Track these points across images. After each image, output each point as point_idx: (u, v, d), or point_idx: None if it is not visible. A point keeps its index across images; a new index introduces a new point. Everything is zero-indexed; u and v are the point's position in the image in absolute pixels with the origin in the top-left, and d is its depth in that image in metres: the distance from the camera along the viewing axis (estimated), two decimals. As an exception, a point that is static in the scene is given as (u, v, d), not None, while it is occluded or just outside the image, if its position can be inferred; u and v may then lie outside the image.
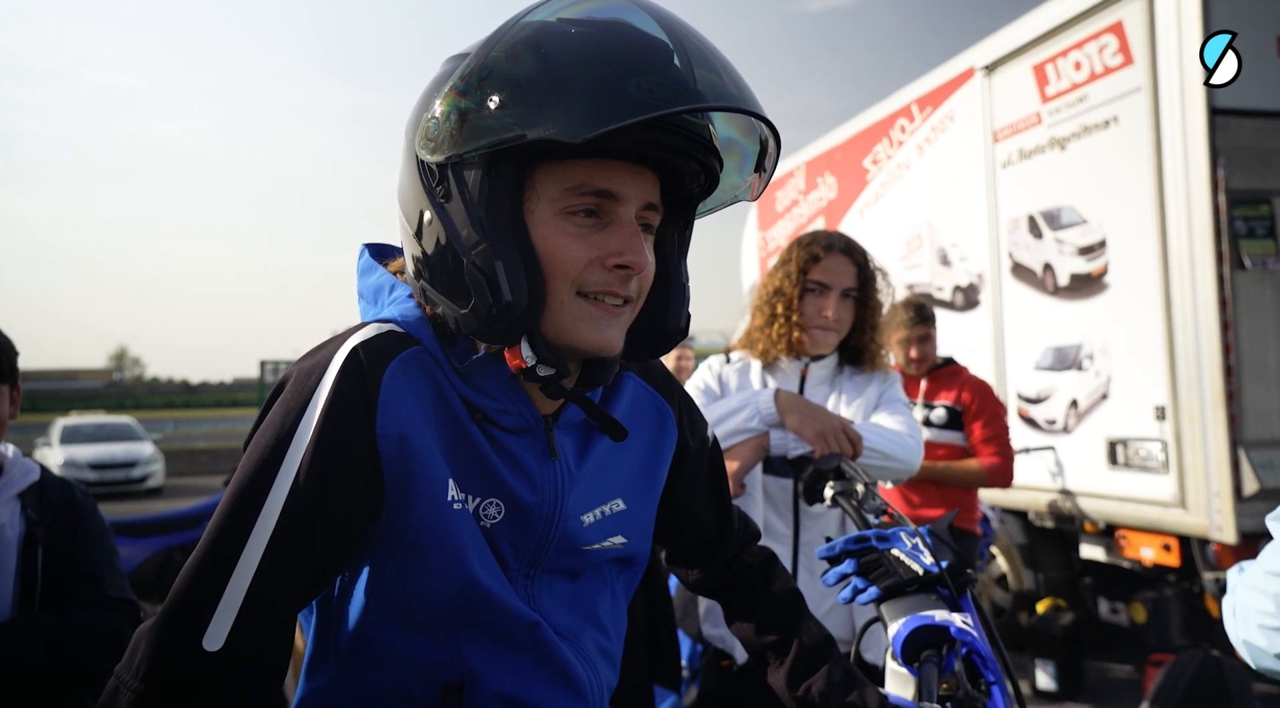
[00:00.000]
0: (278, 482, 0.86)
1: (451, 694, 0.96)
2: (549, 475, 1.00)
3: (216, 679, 0.83)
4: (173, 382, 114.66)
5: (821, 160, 7.23)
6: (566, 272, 0.91)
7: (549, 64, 0.84)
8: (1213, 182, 3.82)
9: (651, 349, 1.04)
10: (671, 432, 1.18)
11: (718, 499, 1.30)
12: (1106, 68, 4.33)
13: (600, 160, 0.90)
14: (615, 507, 1.08)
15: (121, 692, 0.83)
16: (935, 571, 1.35)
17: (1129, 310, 4.26)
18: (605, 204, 0.91)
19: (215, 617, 0.83)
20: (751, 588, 1.29)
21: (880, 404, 2.16)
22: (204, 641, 0.82)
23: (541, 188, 0.91)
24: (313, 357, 0.93)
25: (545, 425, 1.01)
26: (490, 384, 0.97)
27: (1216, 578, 4.04)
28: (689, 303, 1.04)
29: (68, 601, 1.73)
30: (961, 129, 5.46)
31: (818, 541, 2.06)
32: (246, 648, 0.84)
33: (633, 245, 0.91)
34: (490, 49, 0.88)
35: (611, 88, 0.81)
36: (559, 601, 1.05)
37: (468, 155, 0.88)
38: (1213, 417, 3.88)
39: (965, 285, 5.51)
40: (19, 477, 1.78)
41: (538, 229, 0.91)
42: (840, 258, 2.14)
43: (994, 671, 1.27)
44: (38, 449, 17.98)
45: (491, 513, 0.97)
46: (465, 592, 0.94)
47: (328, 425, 0.87)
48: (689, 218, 1.05)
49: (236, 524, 0.85)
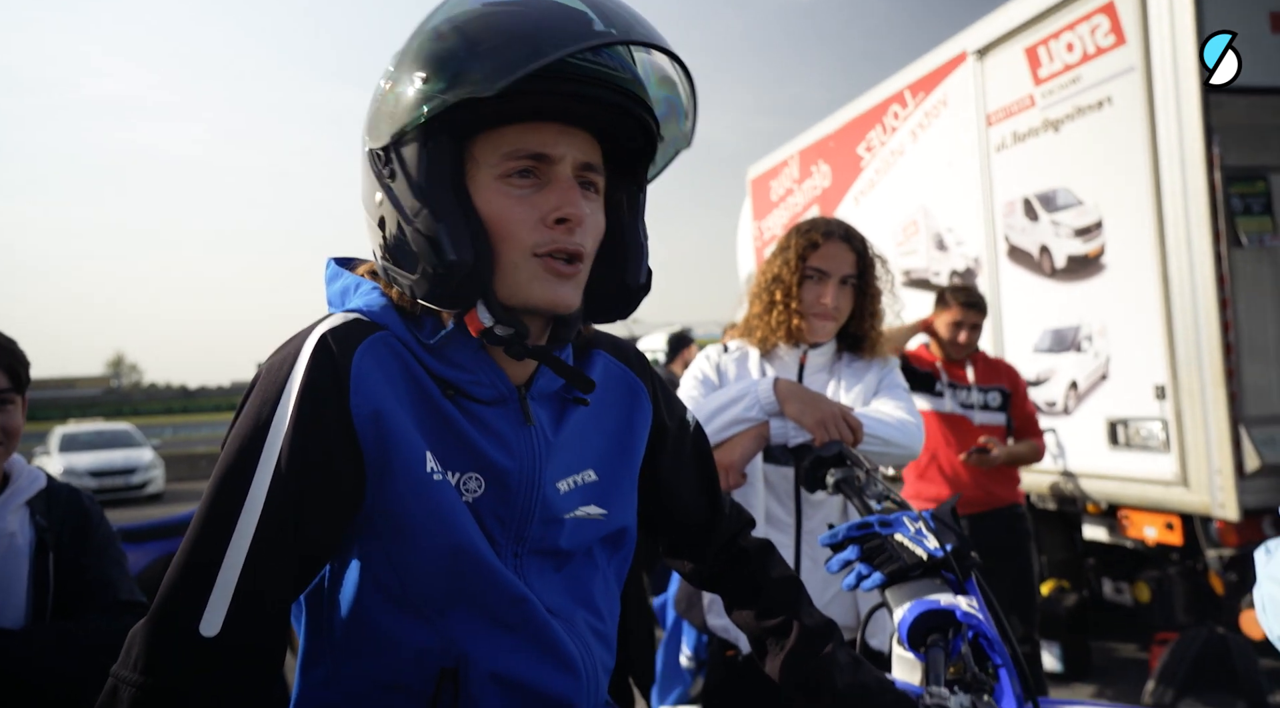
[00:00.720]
0: (259, 468, 0.88)
1: (447, 680, 0.96)
2: (525, 442, 1.02)
3: (215, 666, 0.84)
4: (170, 387, 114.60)
5: (815, 148, 7.21)
6: (513, 234, 0.95)
7: (465, 35, 0.90)
8: (1208, 159, 3.80)
9: (617, 308, 1.07)
10: (645, 406, 1.19)
11: (705, 484, 1.30)
12: (1099, 48, 4.31)
13: (531, 123, 0.95)
14: (587, 477, 1.10)
15: (121, 689, 0.83)
16: (940, 555, 1.34)
17: (1127, 290, 4.26)
18: (540, 166, 0.96)
19: (210, 604, 0.84)
20: (749, 575, 1.28)
21: (880, 390, 2.15)
22: (200, 627, 0.84)
23: (480, 157, 0.95)
24: (281, 350, 0.96)
25: (519, 394, 1.03)
26: (461, 357, 1.00)
27: (1220, 555, 4.05)
28: (647, 258, 1.07)
29: (80, 606, 1.73)
30: (955, 114, 5.44)
31: (820, 528, 2.05)
32: (243, 633, 0.85)
33: (569, 198, 0.95)
34: (415, 34, 0.94)
35: (524, 43, 0.87)
36: (550, 584, 1.05)
37: (407, 133, 0.93)
38: (1213, 394, 3.88)
39: (962, 270, 5.50)
40: (27, 485, 1.78)
41: (480, 195, 0.95)
42: (839, 245, 2.13)
43: (1001, 653, 1.26)
44: (36, 458, 17.95)
45: (472, 487, 0.99)
46: (454, 561, 0.95)
47: (303, 410, 0.90)
48: (640, 180, 1.08)
49: (222, 512, 0.87)
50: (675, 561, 1.34)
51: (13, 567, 1.70)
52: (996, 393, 3.99)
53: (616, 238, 1.05)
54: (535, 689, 1.00)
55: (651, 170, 1.09)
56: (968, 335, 3.95)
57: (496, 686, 0.98)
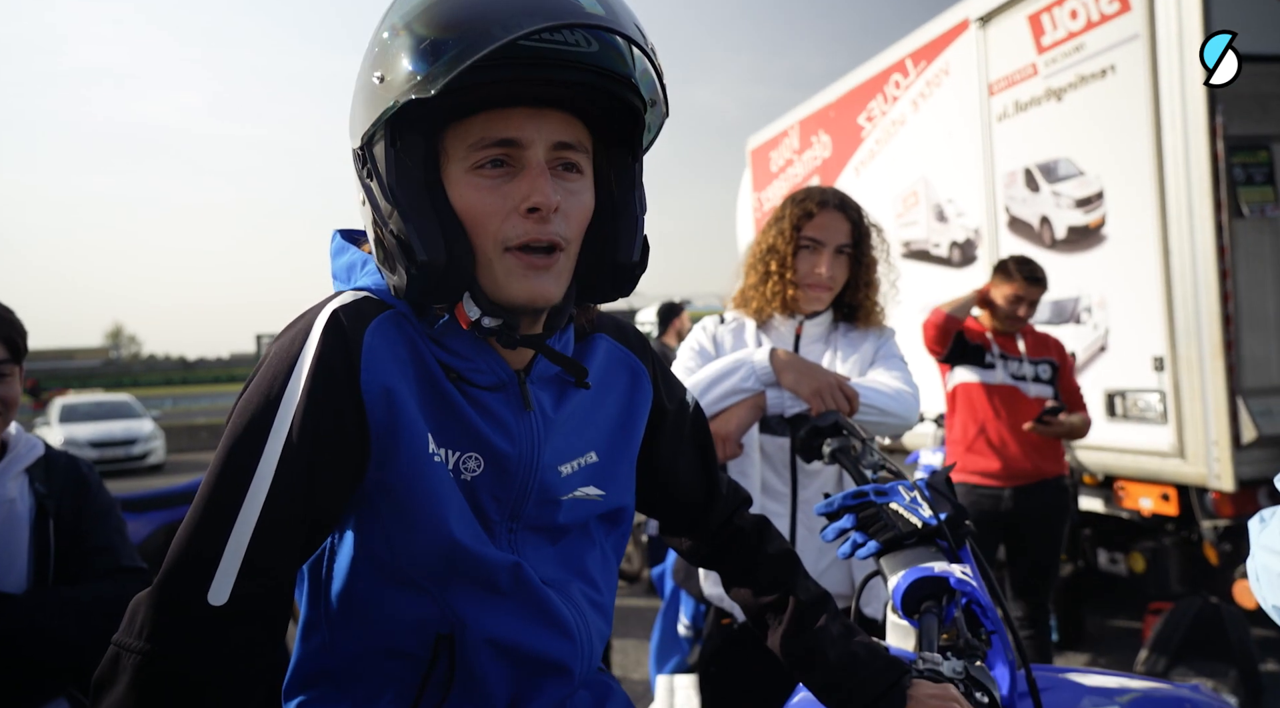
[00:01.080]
0: (270, 438, 0.88)
1: (444, 644, 0.98)
2: (525, 427, 1.02)
3: (222, 635, 0.84)
4: (170, 358, 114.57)
5: (815, 118, 7.15)
6: (486, 226, 0.93)
7: (411, 31, 0.88)
8: (1211, 129, 3.77)
9: (613, 287, 1.04)
10: (646, 388, 1.19)
11: (703, 463, 1.30)
12: (1103, 15, 4.25)
13: (498, 110, 0.92)
14: (589, 459, 1.10)
15: (124, 656, 0.83)
16: (934, 523, 1.34)
17: (1127, 262, 4.24)
18: (511, 152, 0.93)
19: (219, 572, 0.84)
20: (746, 552, 1.29)
21: (876, 360, 2.15)
22: (209, 595, 0.84)
23: (450, 149, 0.94)
24: (293, 326, 0.96)
25: (518, 380, 1.03)
26: (460, 344, 1.00)
27: (1215, 526, 4.07)
28: (640, 234, 1.04)
29: (81, 572, 1.75)
30: (956, 83, 5.39)
31: (816, 498, 2.06)
32: (250, 603, 0.85)
33: (538, 186, 0.92)
34: (376, 29, 0.93)
35: (472, 33, 0.84)
36: (544, 556, 1.07)
37: (375, 133, 0.92)
38: (1211, 366, 3.88)
39: (962, 241, 5.47)
40: (25, 452, 1.79)
41: (453, 189, 0.94)
42: (834, 214, 2.11)
43: (994, 620, 1.28)
44: (37, 428, 18.01)
45: (471, 467, 0.99)
46: (449, 547, 0.96)
47: (316, 383, 0.90)
48: (635, 149, 1.04)
49: (232, 482, 0.87)
50: (673, 539, 1.35)
51: (14, 533, 1.71)
52: (1046, 366, 3.92)
53: (607, 214, 1.02)
54: (530, 653, 1.02)
55: (646, 137, 1.05)
56: (1027, 310, 3.86)
57: (492, 650, 0.99)
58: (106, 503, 1.86)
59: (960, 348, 3.93)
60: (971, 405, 3.93)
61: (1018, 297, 3.82)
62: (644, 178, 1.07)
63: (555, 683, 1.05)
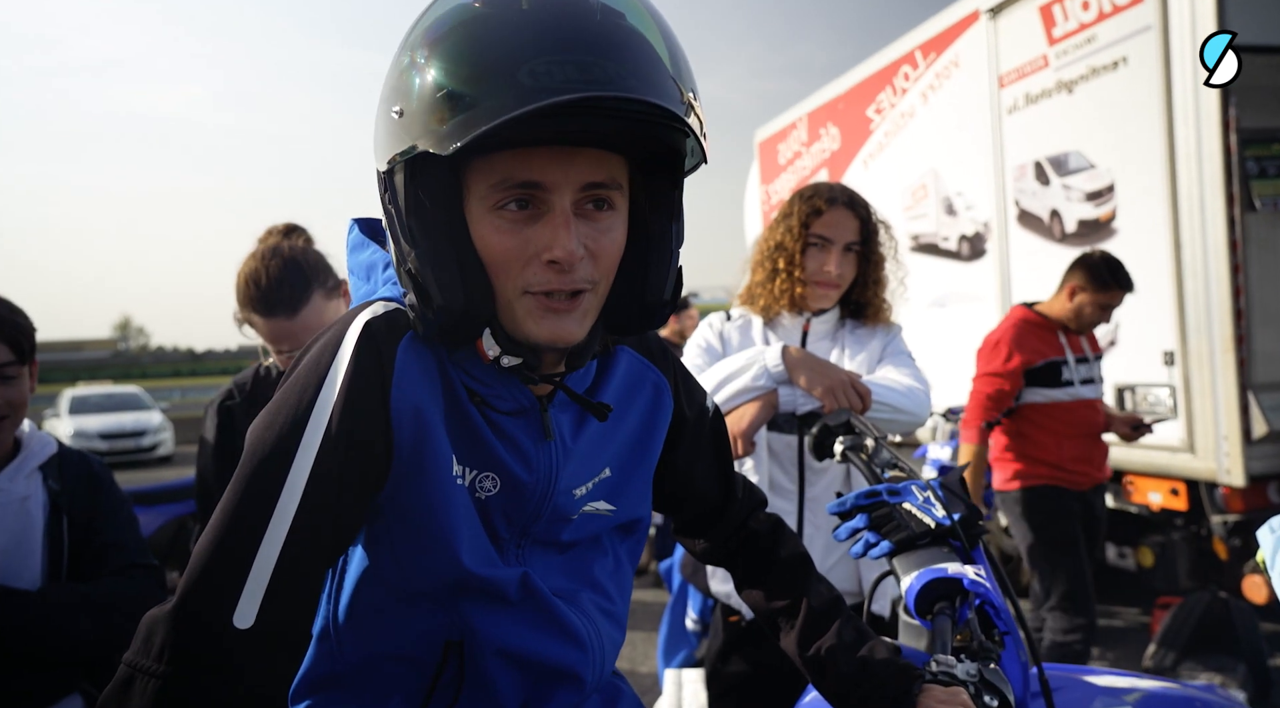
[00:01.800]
0: (300, 453, 0.84)
1: (453, 650, 0.97)
2: (544, 455, 1.00)
3: (248, 658, 0.81)
4: (178, 350, 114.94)
5: (824, 111, 7.11)
6: (506, 268, 0.89)
7: (431, 70, 0.82)
8: (1224, 121, 3.74)
9: (637, 324, 1.00)
10: (667, 402, 1.16)
11: (720, 468, 1.29)
12: (1115, 6, 4.22)
13: (524, 150, 0.86)
14: (602, 476, 1.08)
15: (139, 679, 0.79)
16: (947, 523, 1.33)
17: (1138, 256, 4.20)
18: (536, 194, 0.88)
19: (245, 593, 0.80)
20: (759, 554, 1.28)
21: (885, 357, 2.14)
22: (234, 618, 0.79)
23: (473, 186, 0.89)
24: (323, 336, 0.92)
25: (540, 407, 1.00)
26: (481, 371, 0.96)
27: (1224, 521, 4.06)
28: (674, 270, 0.99)
29: (95, 569, 1.76)
30: (966, 75, 5.35)
31: (823, 495, 2.05)
32: (277, 624, 0.82)
33: (559, 239, 0.87)
34: (399, 52, 0.88)
35: (496, 87, 0.79)
36: (552, 567, 1.05)
37: (395, 164, 0.88)
38: (1222, 361, 3.85)
39: (971, 235, 5.45)
40: (38, 450, 1.80)
41: (475, 228, 0.89)
42: (843, 211, 2.10)
43: (1007, 621, 1.27)
44: (46, 420, 18.10)
45: (487, 486, 0.97)
46: (456, 573, 0.94)
47: (350, 397, 0.86)
48: (675, 177, 0.98)
49: (260, 496, 0.83)
50: (687, 539, 1.34)
51: (28, 531, 1.72)
52: (1098, 364, 3.71)
53: (640, 249, 0.97)
54: (541, 662, 1.01)
55: (689, 162, 0.99)
56: (1109, 319, 3.60)
57: (502, 658, 0.98)
58: (119, 500, 1.87)
59: (1032, 373, 3.55)
60: (1050, 422, 3.58)
61: (1106, 304, 3.51)
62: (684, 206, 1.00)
63: (566, 691, 1.04)
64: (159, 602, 0.85)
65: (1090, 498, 3.63)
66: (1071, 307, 3.53)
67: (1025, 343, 3.51)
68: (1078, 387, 3.55)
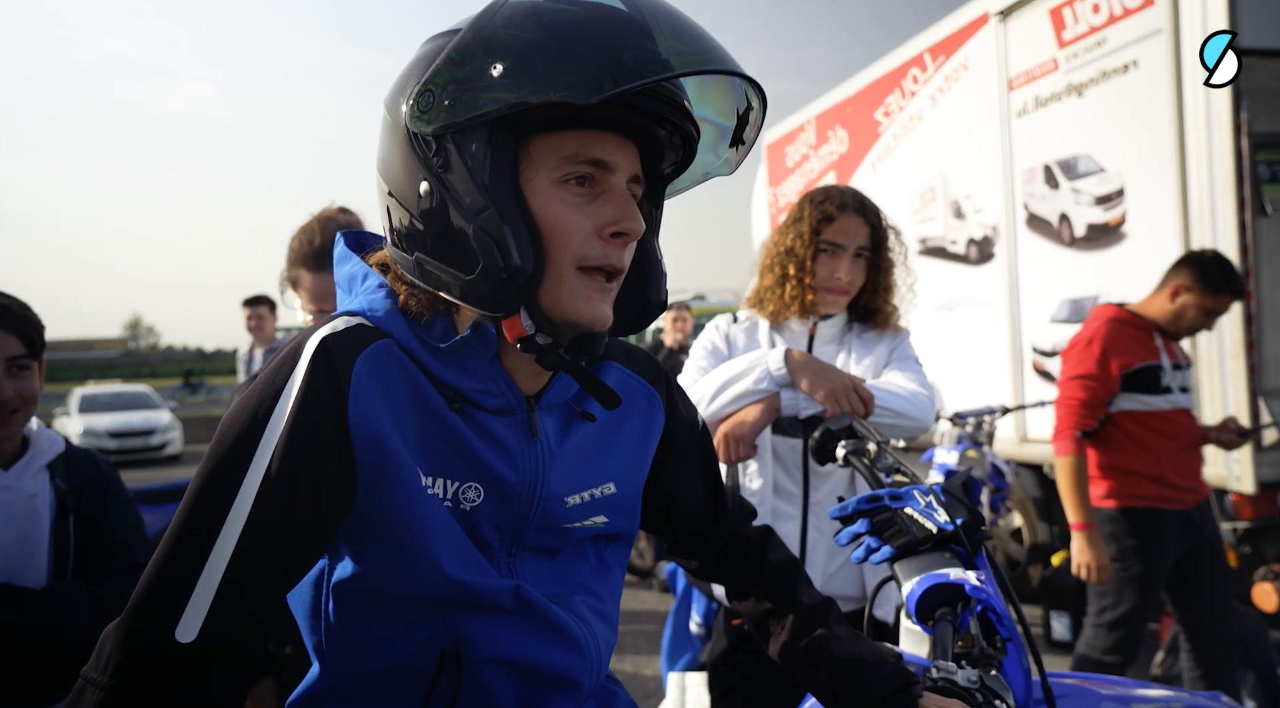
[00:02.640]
0: (251, 470, 0.85)
1: (449, 658, 0.96)
2: (530, 455, 1.00)
3: (188, 672, 0.82)
4: (187, 349, 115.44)
5: (832, 113, 7.10)
6: (567, 242, 0.91)
7: (549, 33, 0.85)
8: (1235, 125, 3.72)
9: (635, 322, 1.05)
10: (659, 416, 1.18)
11: (708, 484, 1.28)
12: (1126, 9, 4.20)
13: (593, 131, 0.92)
14: (606, 490, 1.08)
15: (88, 691, 0.81)
16: (949, 529, 1.32)
17: (1147, 260, 4.18)
18: (599, 173, 0.93)
19: (187, 610, 0.82)
20: (749, 562, 1.27)
21: (891, 362, 2.13)
22: (176, 632, 0.81)
23: (538, 157, 0.91)
24: (281, 353, 0.93)
25: (527, 406, 1.01)
26: (474, 364, 0.97)
27: (1234, 528, 4.02)
28: (666, 278, 1.06)
29: (100, 568, 1.77)
30: (976, 77, 5.33)
31: (827, 499, 2.04)
32: (220, 640, 0.83)
33: (629, 212, 0.93)
34: (486, 22, 0.89)
35: (609, 56, 0.83)
36: (543, 573, 1.05)
37: (471, 123, 0.87)
38: (1232, 366, 3.83)
39: (979, 238, 5.43)
40: (46, 448, 1.81)
41: (536, 198, 0.91)
42: (854, 218, 2.09)
43: (1009, 627, 1.26)
44: (56, 418, 18.20)
45: (471, 497, 0.97)
46: (443, 583, 0.94)
47: (301, 416, 0.87)
48: (659, 197, 1.07)
49: (208, 512, 0.84)
50: (680, 557, 1.33)
51: (34, 528, 1.73)
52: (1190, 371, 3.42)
53: (642, 255, 1.03)
54: (540, 669, 1.00)
55: (671, 188, 1.08)
56: (1211, 326, 3.31)
57: (499, 666, 0.98)
58: (125, 500, 1.88)
59: (1127, 378, 3.24)
60: (1148, 433, 3.26)
61: (1214, 309, 3.19)
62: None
63: (564, 697, 1.03)
64: None
65: (1196, 517, 3.29)
66: (1173, 308, 3.19)
67: (1120, 344, 3.19)
68: (1176, 394, 3.24)
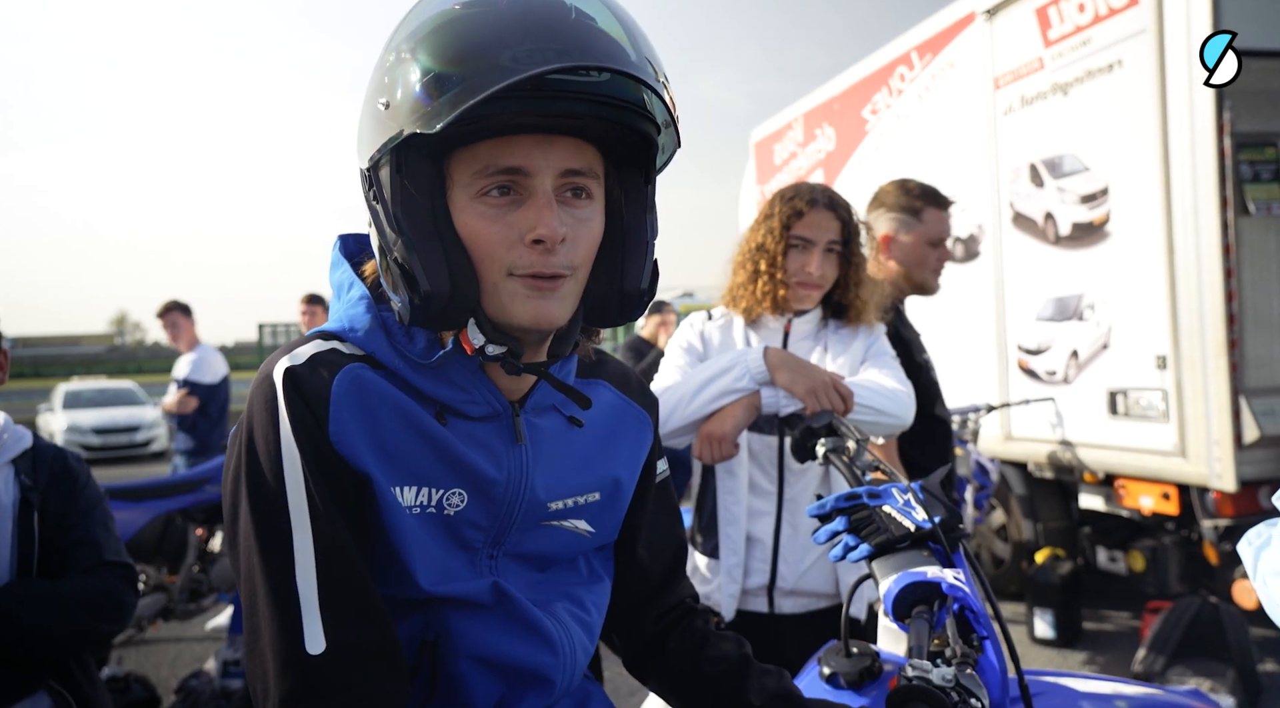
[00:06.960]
0: (291, 489, 0.90)
1: (426, 650, 0.98)
2: (514, 457, 1.02)
3: (336, 679, 0.87)
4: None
5: (819, 111, 7.10)
6: (491, 254, 0.91)
7: (417, 58, 0.86)
8: (1218, 125, 3.73)
9: (617, 315, 1.02)
10: (648, 439, 1.20)
11: (672, 534, 1.25)
12: (1111, 9, 4.21)
13: (505, 138, 0.90)
14: (591, 498, 1.09)
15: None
16: (927, 526, 1.32)
17: (1131, 259, 4.20)
18: (517, 180, 0.91)
19: (304, 622, 0.87)
20: (689, 650, 1.21)
21: (868, 359, 2.13)
22: (307, 646, 0.87)
23: (456, 175, 0.92)
24: (258, 385, 0.95)
25: (512, 411, 1.02)
26: (459, 376, 0.99)
27: (1215, 525, 4.05)
28: (650, 261, 1.02)
29: (64, 566, 1.74)
30: (962, 76, 5.34)
31: (802, 496, 2.04)
32: (350, 640, 0.88)
33: (543, 219, 0.90)
34: (383, 53, 0.91)
35: (461, 74, 0.82)
36: (527, 580, 1.06)
37: (381, 158, 0.91)
38: (1214, 365, 3.85)
39: (965, 236, 5.44)
40: (11, 443, 1.77)
41: (458, 216, 0.92)
42: (824, 213, 2.09)
43: (986, 626, 1.25)
44: (40, 414, 18.05)
45: (455, 502, 0.98)
46: (419, 593, 0.97)
47: (300, 438, 0.91)
48: (648, 172, 1.02)
49: (274, 539, 0.89)
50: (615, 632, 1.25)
51: None
52: None
53: (617, 239, 0.99)
54: (513, 665, 1.01)
55: (660, 157, 1.02)
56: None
57: (474, 660, 1.00)
58: (94, 497, 1.85)
59: None
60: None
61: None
62: (656, 199, 1.04)
63: (537, 694, 1.04)
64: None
65: None
66: None
67: None
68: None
